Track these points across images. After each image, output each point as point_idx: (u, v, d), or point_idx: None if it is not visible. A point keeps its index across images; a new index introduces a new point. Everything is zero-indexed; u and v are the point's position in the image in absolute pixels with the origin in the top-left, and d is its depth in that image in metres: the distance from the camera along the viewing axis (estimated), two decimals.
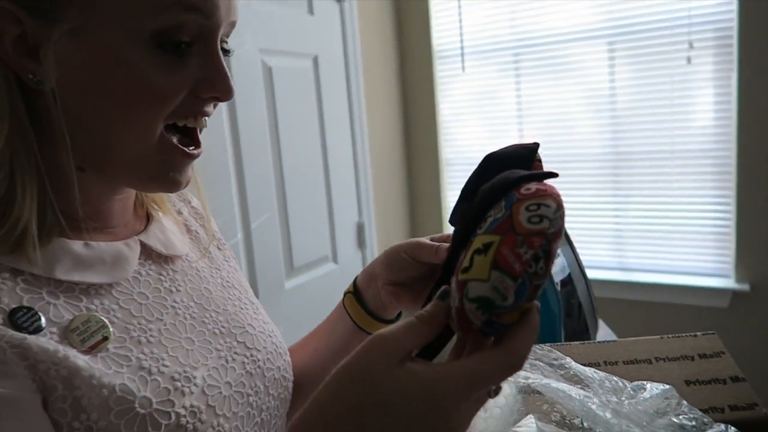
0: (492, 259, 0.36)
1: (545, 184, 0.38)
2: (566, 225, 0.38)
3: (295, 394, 0.66)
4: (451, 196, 2.65)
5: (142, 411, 0.46)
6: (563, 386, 0.58)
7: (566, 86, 2.29)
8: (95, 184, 0.51)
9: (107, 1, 0.44)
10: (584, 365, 0.68)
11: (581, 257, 1.05)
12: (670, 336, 0.76)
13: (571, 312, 1.07)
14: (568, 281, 1.08)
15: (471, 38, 2.45)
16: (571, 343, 0.77)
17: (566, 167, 2.35)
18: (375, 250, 2.36)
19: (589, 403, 0.55)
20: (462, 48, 2.46)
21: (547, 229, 0.36)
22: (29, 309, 0.44)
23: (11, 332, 0.42)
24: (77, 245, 0.49)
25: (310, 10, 2.09)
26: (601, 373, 0.63)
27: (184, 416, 0.48)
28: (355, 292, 0.67)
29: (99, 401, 0.44)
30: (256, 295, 1.79)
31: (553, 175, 0.40)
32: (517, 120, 2.42)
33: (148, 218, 0.61)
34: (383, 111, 2.50)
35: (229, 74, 0.51)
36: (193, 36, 0.48)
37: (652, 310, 2.23)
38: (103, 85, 0.46)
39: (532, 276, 0.35)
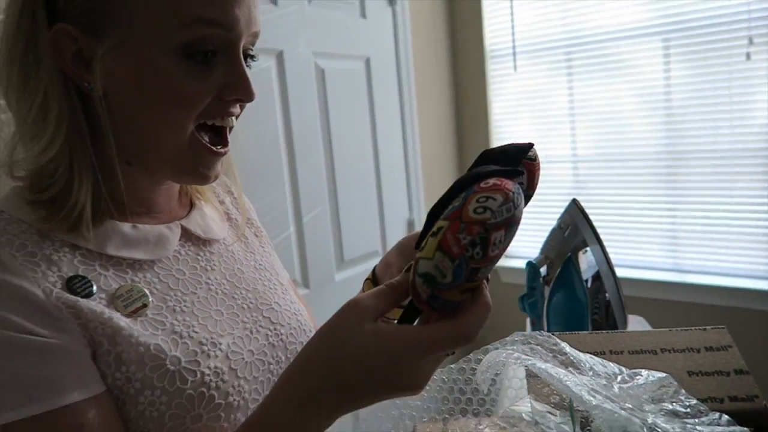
0: (438, 241, 0.41)
1: (502, 180, 0.43)
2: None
3: None
4: None
5: (172, 368, 0.54)
6: (557, 371, 0.63)
7: (619, 84, 2.26)
8: (141, 176, 0.60)
9: (141, 20, 0.52)
10: (590, 353, 0.72)
11: (634, 257, 1.07)
12: (678, 329, 0.78)
13: (599, 308, 1.10)
14: (597, 277, 1.11)
15: (523, 37, 2.46)
16: (580, 332, 0.81)
17: (619, 166, 2.32)
18: None
19: (577, 386, 0.59)
20: (514, 47, 2.48)
21: (487, 220, 0.40)
22: (83, 277, 0.53)
23: (67, 295, 0.51)
24: (126, 227, 0.58)
25: (363, 14, 2.17)
26: (597, 359, 0.67)
27: (208, 375, 0.55)
28: (373, 279, 0.74)
29: (136, 357, 0.52)
30: (307, 285, 1.90)
31: (519, 172, 0.45)
32: (569, 119, 2.41)
33: (192, 206, 0.69)
34: (434, 110, 2.55)
35: (250, 79, 0.58)
36: (217, 46, 0.55)
37: (706, 312, 2.17)
38: (142, 91, 0.54)
39: (468, 259, 0.40)
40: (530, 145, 0.54)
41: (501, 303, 2.64)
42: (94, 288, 0.53)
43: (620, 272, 2.17)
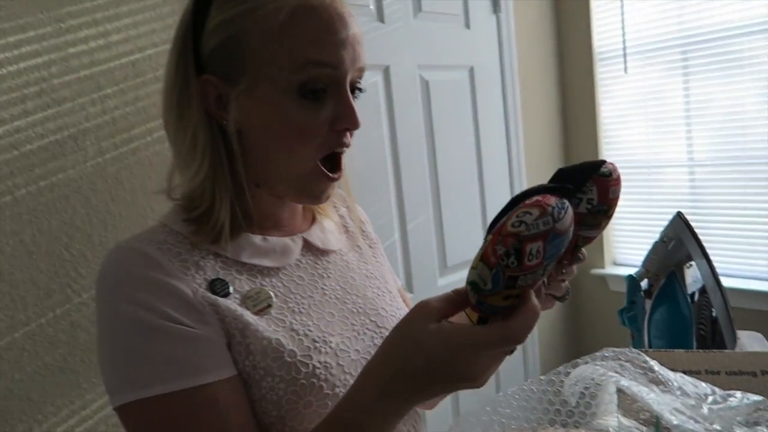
0: (481, 252, 0.47)
1: (545, 197, 0.47)
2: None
3: None
4: None
5: (289, 359, 0.63)
6: (640, 388, 0.64)
7: (741, 83, 2.12)
8: (269, 196, 0.71)
9: (264, 67, 0.62)
10: (685, 372, 0.72)
11: (753, 268, 1.02)
12: None
13: (705, 324, 1.07)
14: (702, 292, 1.08)
15: (634, 37, 2.37)
16: (675, 350, 0.81)
17: (741, 170, 2.17)
18: None
19: (659, 404, 0.61)
20: (624, 48, 2.40)
21: (521, 233, 0.45)
22: (223, 280, 0.64)
23: (209, 294, 0.62)
24: (257, 239, 0.69)
25: (467, 24, 2.21)
26: (688, 379, 0.68)
27: (318, 368, 0.64)
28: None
29: (261, 348, 0.62)
30: (410, 289, 1.98)
31: (567, 189, 0.49)
32: (686, 121, 2.29)
33: (314, 220, 0.79)
34: (540, 115, 2.53)
35: (356, 110, 0.65)
36: (326, 84, 0.63)
37: None
38: (267, 128, 0.64)
39: (504, 268, 0.45)
40: (601, 162, 0.57)
41: (608, 311, 2.57)
42: (231, 289, 0.64)
43: (736, 283, 2.06)
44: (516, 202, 0.48)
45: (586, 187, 0.56)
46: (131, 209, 1.38)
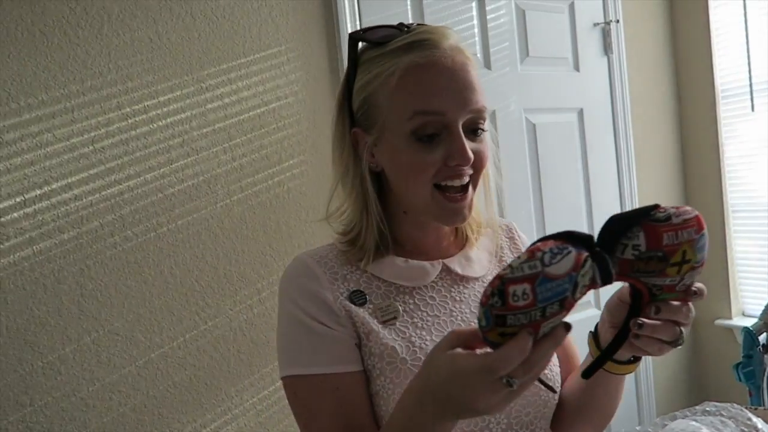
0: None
1: (544, 242, 0.50)
2: None
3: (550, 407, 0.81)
4: (739, 245, 2.40)
5: (400, 366, 0.71)
6: None
7: None
8: (414, 221, 0.79)
9: (387, 120, 0.74)
10: None
11: None
12: None
13: None
14: None
15: (762, 73, 2.23)
16: None
17: None
18: None
19: None
20: (750, 84, 2.26)
21: (505, 275, 0.49)
22: (362, 292, 0.76)
23: (348, 303, 0.74)
24: (400, 261, 0.78)
25: (576, 67, 2.21)
26: None
27: None
28: (594, 333, 0.78)
29: (379, 352, 0.72)
30: None
31: (579, 236, 0.52)
32: None
33: (463, 247, 0.85)
34: (656, 157, 2.44)
35: (466, 148, 0.72)
36: (437, 128, 0.72)
37: None
38: (393, 166, 0.76)
39: (491, 307, 0.49)
40: (652, 207, 0.56)
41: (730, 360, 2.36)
42: (367, 300, 0.75)
43: None
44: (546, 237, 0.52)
45: (632, 233, 0.55)
46: (252, 246, 1.52)
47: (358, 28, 1.67)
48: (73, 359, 1.30)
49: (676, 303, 0.61)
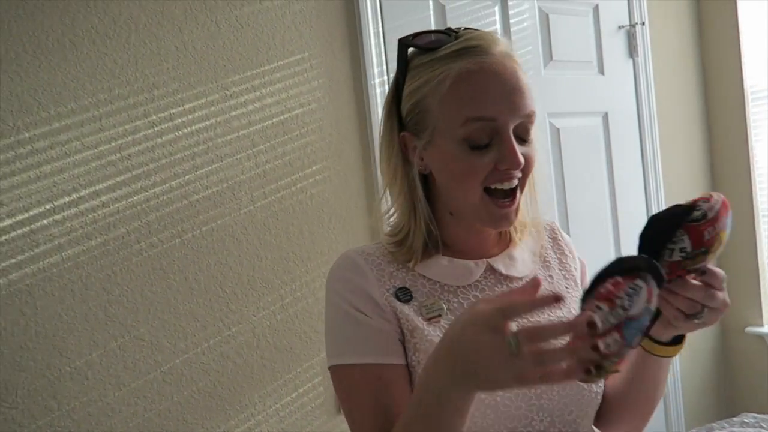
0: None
1: (615, 284, 0.54)
2: None
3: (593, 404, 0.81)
4: None
5: None
6: None
7: None
8: (460, 224, 0.80)
9: (439, 124, 0.75)
10: None
11: None
12: None
13: None
14: None
15: None
16: None
17: None
18: None
19: None
20: None
21: (594, 333, 0.51)
22: (407, 289, 0.77)
23: (393, 299, 0.76)
24: (444, 260, 0.80)
25: (601, 71, 2.18)
26: None
27: None
28: None
29: (423, 348, 0.73)
30: None
31: (634, 269, 0.55)
32: None
33: (507, 247, 0.86)
34: (683, 161, 2.39)
35: (516, 152, 0.73)
36: (488, 133, 0.73)
37: None
38: (446, 169, 0.76)
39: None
40: (690, 208, 0.59)
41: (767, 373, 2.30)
42: (412, 298, 0.77)
43: None
44: (589, 290, 0.55)
45: (677, 237, 0.58)
46: (276, 252, 1.53)
47: (381, 34, 1.67)
48: (99, 364, 1.32)
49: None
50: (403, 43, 0.78)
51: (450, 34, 0.76)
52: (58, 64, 1.29)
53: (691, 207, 0.59)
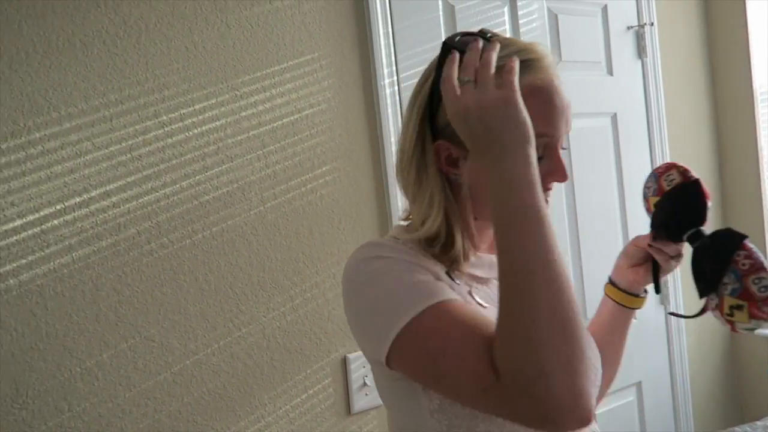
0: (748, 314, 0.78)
1: (745, 247, 0.64)
2: None
3: None
4: None
5: None
6: None
7: None
8: (483, 225, 0.82)
9: None
10: None
11: None
12: None
13: None
14: None
15: None
16: None
17: None
18: (681, 307, 2.24)
19: None
20: None
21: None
22: (450, 276, 0.79)
23: (446, 276, 0.77)
24: (472, 254, 0.81)
25: (610, 71, 2.17)
26: None
27: None
28: (611, 282, 1.02)
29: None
30: None
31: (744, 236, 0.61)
32: None
33: None
34: (693, 162, 2.36)
35: (565, 166, 0.75)
36: (542, 148, 0.73)
37: None
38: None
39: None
40: (742, 238, 0.66)
41: None
42: (457, 280, 0.79)
43: None
44: (722, 261, 0.72)
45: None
46: (286, 253, 1.52)
47: (390, 34, 1.67)
48: (110, 365, 1.31)
49: None
50: (450, 46, 0.74)
51: (485, 38, 0.74)
52: (68, 65, 1.29)
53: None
